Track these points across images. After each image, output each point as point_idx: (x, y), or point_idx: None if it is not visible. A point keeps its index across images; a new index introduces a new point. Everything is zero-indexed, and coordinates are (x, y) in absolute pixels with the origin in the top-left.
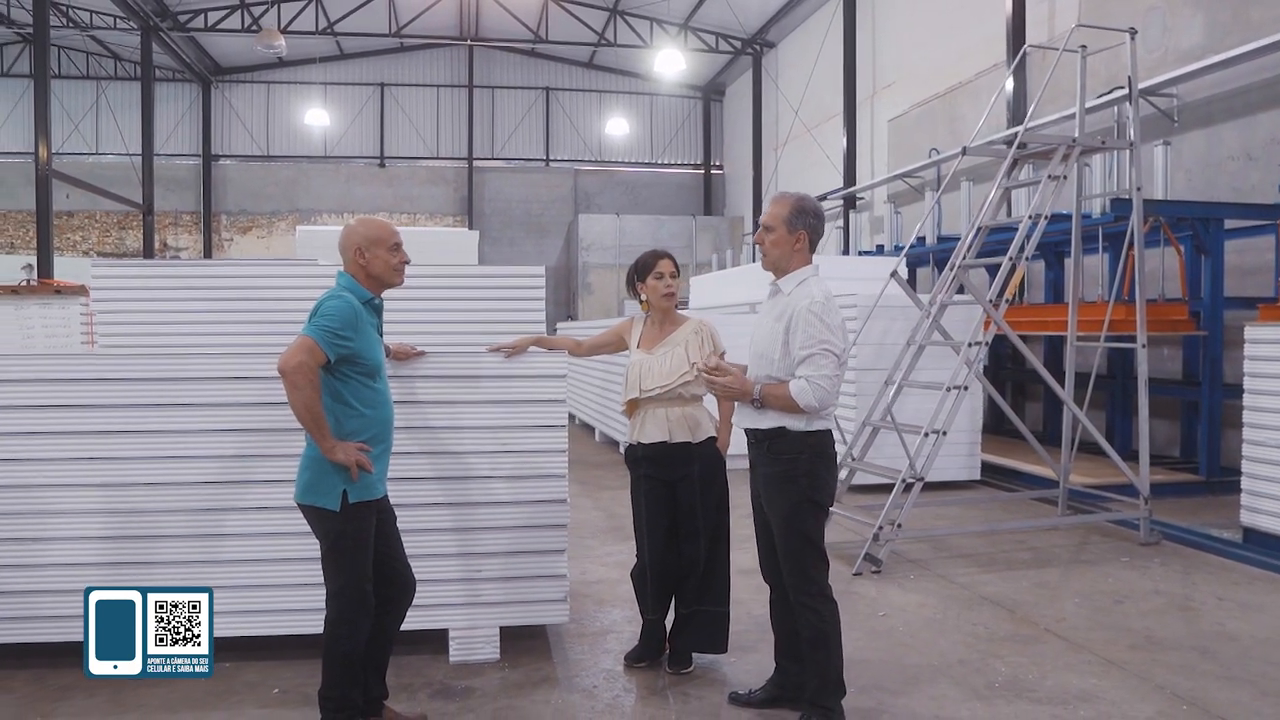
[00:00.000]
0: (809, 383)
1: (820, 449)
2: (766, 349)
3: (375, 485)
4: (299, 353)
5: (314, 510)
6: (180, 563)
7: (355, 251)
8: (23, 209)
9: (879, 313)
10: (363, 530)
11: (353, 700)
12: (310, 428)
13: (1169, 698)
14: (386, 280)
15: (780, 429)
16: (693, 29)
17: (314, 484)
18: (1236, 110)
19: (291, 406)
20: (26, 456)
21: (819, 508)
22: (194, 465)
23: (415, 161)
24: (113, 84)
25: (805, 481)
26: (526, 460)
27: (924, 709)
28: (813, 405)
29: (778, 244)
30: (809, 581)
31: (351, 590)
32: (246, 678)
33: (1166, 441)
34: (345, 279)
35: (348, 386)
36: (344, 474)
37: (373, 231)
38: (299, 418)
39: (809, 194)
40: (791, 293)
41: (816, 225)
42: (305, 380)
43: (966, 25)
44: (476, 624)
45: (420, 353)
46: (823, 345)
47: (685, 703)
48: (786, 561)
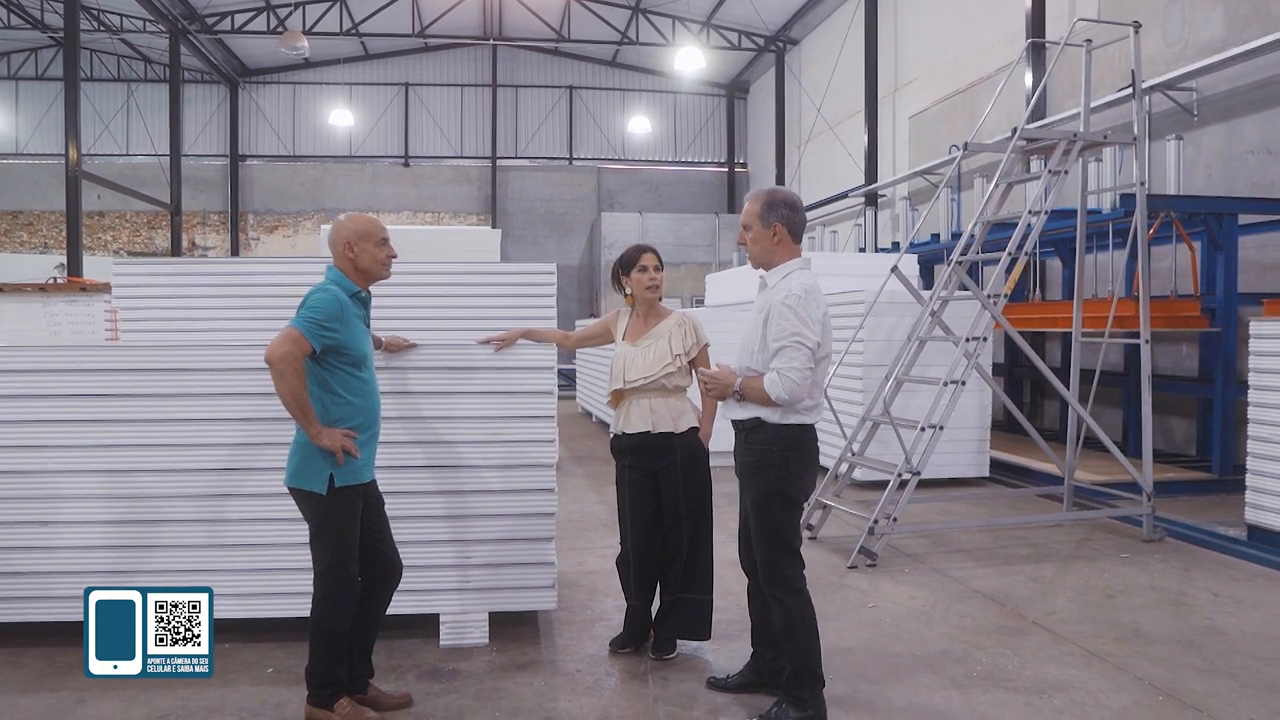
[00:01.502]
0: (780, 375)
1: (795, 443)
2: (748, 342)
3: (361, 470)
4: (284, 343)
5: (302, 494)
6: (184, 546)
7: (345, 246)
8: (55, 209)
9: (886, 309)
10: (348, 513)
11: (338, 677)
12: (296, 415)
13: (1146, 689)
14: (374, 273)
15: (757, 420)
16: (715, 26)
17: (302, 468)
18: (1257, 104)
19: (278, 394)
20: (39, 444)
21: (790, 502)
22: (197, 453)
23: (439, 161)
24: (142, 86)
25: (775, 473)
26: (516, 450)
27: (899, 697)
28: (783, 397)
29: (757, 240)
30: (777, 573)
31: (337, 570)
32: (244, 658)
33: (1184, 440)
34: (334, 273)
35: (334, 376)
36: (330, 459)
37: (361, 227)
38: (285, 405)
39: (780, 187)
40: (775, 286)
41: (791, 215)
42: (290, 369)
43: (987, 21)
44: (466, 609)
45: (411, 345)
46: (795, 338)
47: (664, 686)
48: (758, 552)
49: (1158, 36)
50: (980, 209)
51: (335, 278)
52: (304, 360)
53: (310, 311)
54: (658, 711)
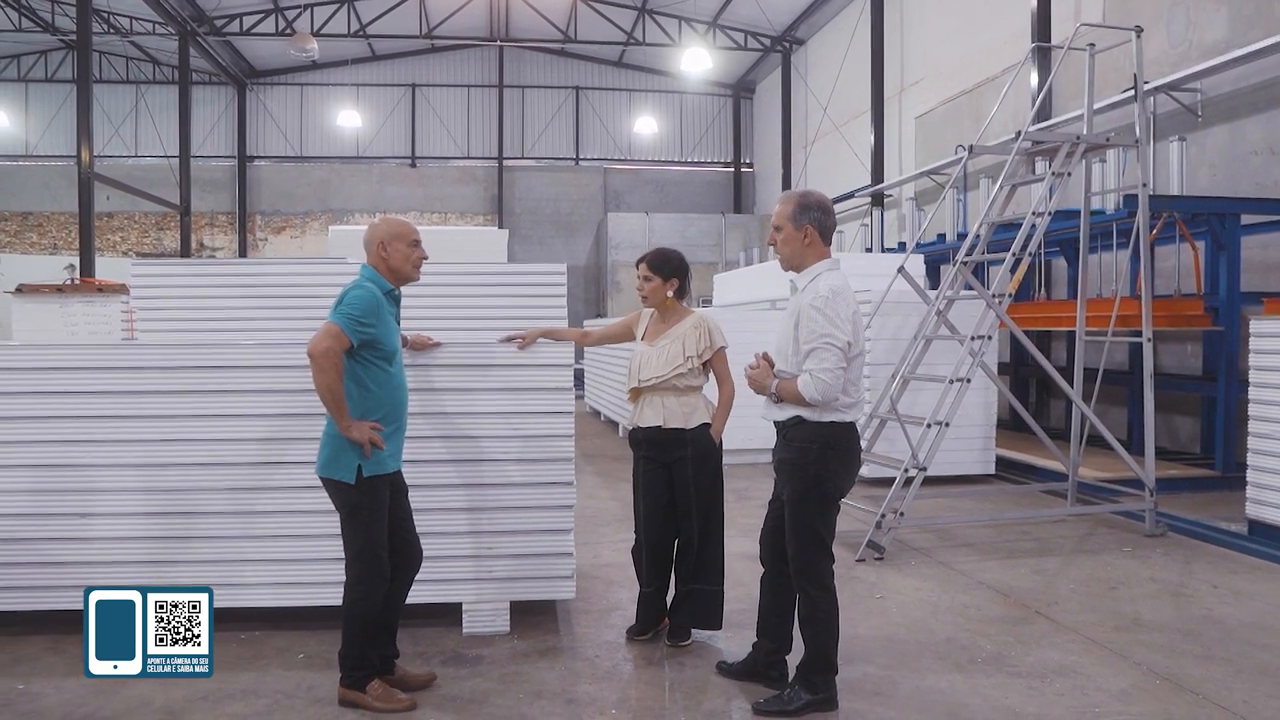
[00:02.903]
0: (812, 376)
1: (833, 441)
2: (782, 345)
3: (387, 461)
4: (326, 338)
5: (333, 483)
6: (214, 538)
7: (379, 245)
8: (64, 211)
9: (894, 309)
10: (377, 502)
11: (369, 659)
12: (330, 407)
13: (1144, 673)
14: (405, 274)
15: (797, 418)
16: (721, 27)
17: (333, 459)
18: (1260, 105)
19: (316, 387)
20: (79, 439)
21: (826, 499)
22: (230, 447)
23: (446, 161)
24: (151, 88)
25: (814, 470)
26: (535, 444)
27: (905, 681)
28: (816, 399)
29: (788, 242)
30: (809, 567)
31: (367, 556)
32: (275, 644)
33: (1189, 438)
34: (368, 271)
35: (367, 370)
36: (358, 451)
37: (395, 229)
38: (321, 398)
39: (813, 189)
40: (805, 288)
41: (822, 218)
42: (330, 364)
43: (993, 22)
44: (488, 598)
45: (436, 343)
46: (824, 339)
47: (679, 672)
48: (791, 546)
49: (1162, 38)
50: (985, 210)
51: (370, 275)
52: (342, 355)
53: (349, 308)
54: (673, 695)
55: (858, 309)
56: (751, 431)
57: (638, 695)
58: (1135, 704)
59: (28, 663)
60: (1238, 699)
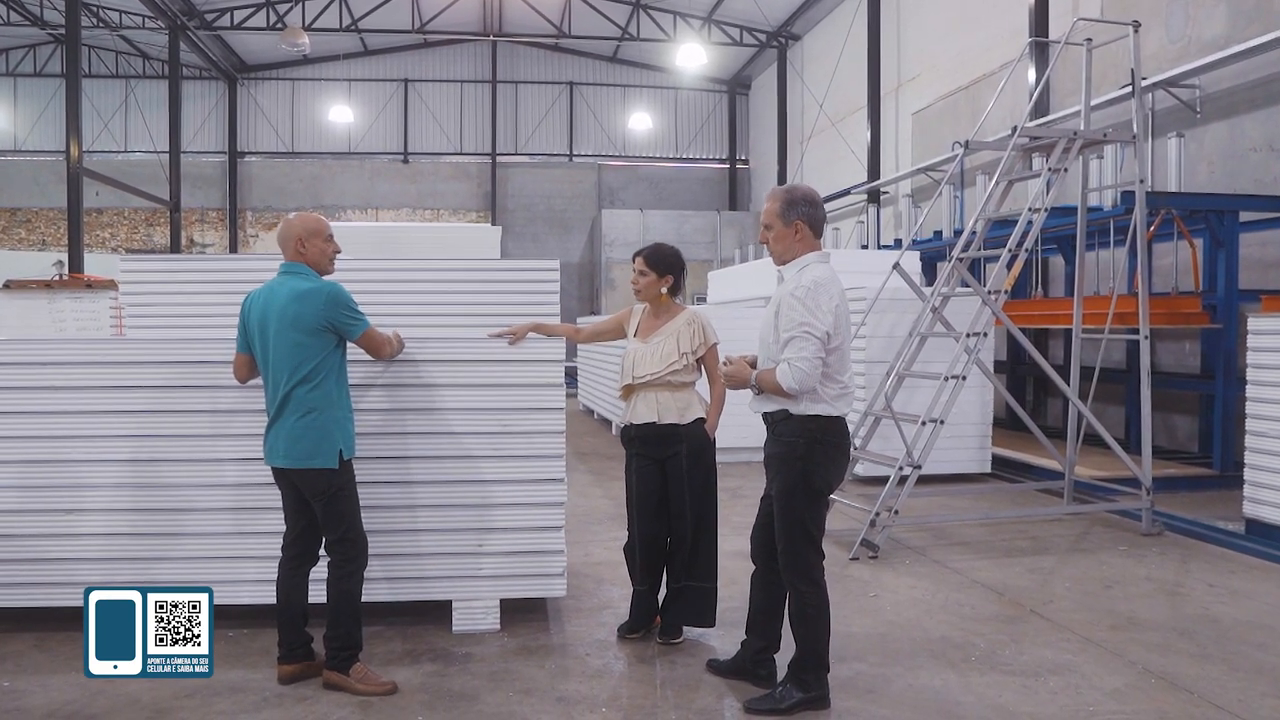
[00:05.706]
0: (790, 365)
1: (820, 435)
2: (765, 335)
3: (354, 442)
4: (382, 343)
5: (314, 472)
6: (205, 535)
7: (296, 242)
8: (53, 206)
9: (889, 306)
10: (353, 481)
11: (356, 640)
12: (398, 349)
13: (1139, 672)
14: (323, 268)
15: (784, 412)
16: (716, 22)
17: (315, 449)
18: (1259, 101)
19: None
20: (67, 434)
21: (815, 493)
22: (219, 443)
23: (439, 157)
24: (141, 82)
25: (801, 465)
26: (526, 441)
27: (899, 678)
28: (793, 387)
29: (779, 239)
30: (797, 562)
31: (352, 535)
32: (263, 641)
33: (1187, 436)
34: (298, 266)
35: (343, 363)
36: (340, 435)
37: (311, 225)
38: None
39: (798, 184)
40: (788, 279)
41: (811, 212)
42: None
43: (990, 17)
44: (478, 596)
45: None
46: (803, 328)
47: (671, 669)
48: (780, 541)
49: (1160, 34)
50: (982, 206)
51: (304, 270)
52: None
53: (354, 310)
54: (665, 693)
55: (843, 301)
56: (744, 430)
57: (629, 693)
58: (1130, 703)
59: (13, 660)
60: (1233, 698)
